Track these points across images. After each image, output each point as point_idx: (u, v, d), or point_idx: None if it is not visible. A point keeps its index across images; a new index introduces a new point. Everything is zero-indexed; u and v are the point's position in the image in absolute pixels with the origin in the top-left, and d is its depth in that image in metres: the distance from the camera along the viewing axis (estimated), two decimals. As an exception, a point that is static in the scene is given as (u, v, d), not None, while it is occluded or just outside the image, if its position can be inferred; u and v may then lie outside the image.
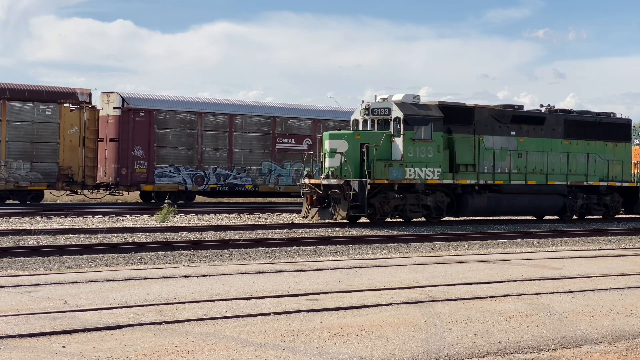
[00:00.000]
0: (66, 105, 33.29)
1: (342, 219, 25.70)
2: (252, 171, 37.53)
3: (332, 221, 26.01)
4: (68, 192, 34.76)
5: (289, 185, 38.08)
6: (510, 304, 11.10)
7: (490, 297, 11.67)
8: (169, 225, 24.96)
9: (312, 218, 26.22)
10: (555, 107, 30.99)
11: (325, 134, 26.97)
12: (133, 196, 38.50)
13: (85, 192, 34.75)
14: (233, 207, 34.61)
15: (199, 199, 38.94)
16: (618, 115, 32.51)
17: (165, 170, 35.57)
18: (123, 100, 34.83)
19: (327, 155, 26.02)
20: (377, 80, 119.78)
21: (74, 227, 23.45)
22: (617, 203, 31.97)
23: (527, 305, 11.06)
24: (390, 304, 10.87)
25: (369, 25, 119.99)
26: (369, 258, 17.35)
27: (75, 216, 27.16)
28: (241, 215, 29.76)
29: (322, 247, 19.57)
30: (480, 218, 29.55)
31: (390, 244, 20.70)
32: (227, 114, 37.14)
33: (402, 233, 23.87)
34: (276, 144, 38.25)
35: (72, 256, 16.55)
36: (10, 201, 33.26)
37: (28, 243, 19.03)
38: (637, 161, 33.74)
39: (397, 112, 26.11)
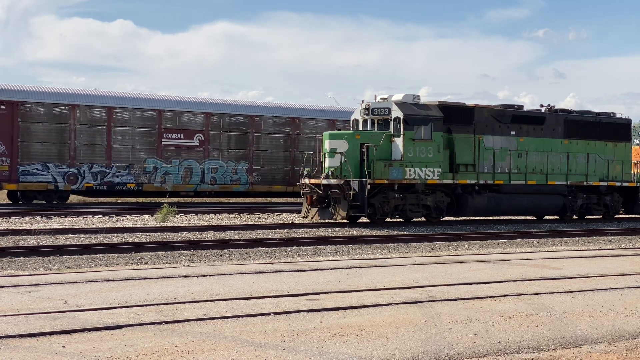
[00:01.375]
0: None
1: (342, 219, 25.70)
2: (135, 169, 34.93)
3: (332, 221, 26.01)
4: None
5: (178, 184, 35.71)
6: (510, 304, 11.10)
7: (490, 297, 11.67)
8: (169, 225, 24.96)
9: (312, 218, 26.22)
10: (555, 107, 30.99)
11: (325, 133, 26.98)
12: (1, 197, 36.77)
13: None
14: (233, 207, 34.59)
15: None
16: (618, 115, 32.52)
17: (32, 167, 32.94)
18: None
19: (327, 155, 26.02)
20: (377, 80, 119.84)
21: (74, 227, 23.45)
22: (617, 203, 31.98)
23: (527, 305, 11.06)
24: (390, 304, 10.88)
25: (369, 25, 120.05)
26: (369, 258, 17.35)
27: (75, 216, 27.16)
28: (241, 215, 29.77)
29: (322, 247, 19.57)
30: (480, 218, 29.56)
31: (390, 244, 20.70)
32: (105, 106, 34.37)
33: (402, 233, 23.87)
34: (163, 140, 35.47)
35: (72, 256, 16.55)
36: None
37: (28, 243, 19.03)
38: (637, 161, 33.76)
39: (397, 112, 26.12)
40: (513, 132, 29.00)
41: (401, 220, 27.39)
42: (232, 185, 37.04)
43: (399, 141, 26.06)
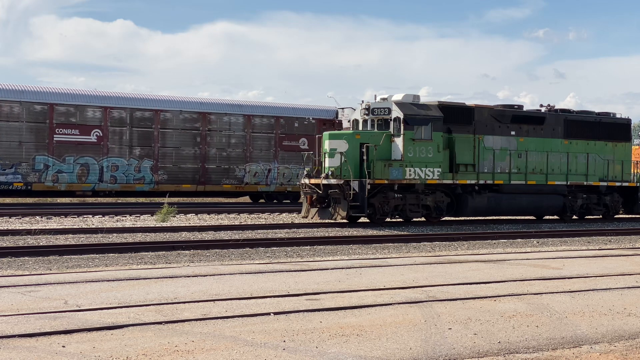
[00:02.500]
0: None
1: (342, 219, 25.70)
2: (23, 167, 32.39)
3: (332, 221, 26.01)
4: None
5: (73, 183, 33.33)
6: (510, 304, 11.10)
7: (490, 297, 11.67)
8: (168, 225, 24.97)
9: (312, 218, 26.23)
10: (555, 107, 31.00)
11: (325, 133, 27.00)
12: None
13: None
14: (233, 207, 34.60)
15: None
16: (618, 115, 32.52)
17: None
18: None
19: (327, 155, 26.02)
20: (377, 80, 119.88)
21: (74, 227, 23.45)
22: (617, 203, 31.98)
23: (527, 305, 11.06)
24: (390, 304, 10.88)
25: (370, 25, 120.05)
26: (369, 258, 17.35)
27: (75, 216, 27.17)
28: (241, 215, 29.77)
29: (322, 247, 19.58)
30: (480, 218, 29.56)
31: (390, 244, 20.70)
32: None
33: (402, 233, 23.87)
34: (55, 136, 33.05)
35: (72, 256, 16.55)
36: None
37: (28, 243, 19.03)
38: (637, 161, 33.76)
39: (397, 112, 26.12)
40: (513, 132, 29.00)
41: (401, 220, 27.40)
42: (135, 184, 34.71)
43: (399, 141, 26.07)
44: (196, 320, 9.54)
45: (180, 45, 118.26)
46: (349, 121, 40.14)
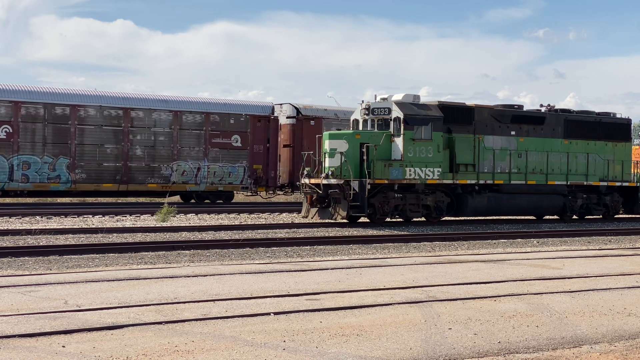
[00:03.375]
0: None
1: (342, 218, 25.70)
2: None
3: (332, 221, 26.01)
4: None
5: None
6: (510, 304, 11.10)
7: (490, 297, 11.67)
8: (169, 225, 24.96)
9: (312, 218, 26.23)
10: (555, 107, 30.99)
11: (325, 133, 27.00)
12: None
13: None
14: (233, 207, 34.58)
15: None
16: (618, 115, 32.51)
17: None
18: None
19: (327, 155, 26.02)
20: (377, 80, 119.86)
21: (74, 227, 23.45)
22: (617, 203, 31.97)
23: (527, 305, 11.06)
24: (390, 304, 10.88)
25: (370, 25, 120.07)
26: (369, 258, 17.35)
27: (75, 216, 27.17)
28: (241, 215, 29.76)
29: (322, 247, 19.58)
30: (480, 218, 29.56)
31: (390, 244, 20.70)
32: None
33: (402, 233, 23.87)
34: None
35: (72, 256, 16.55)
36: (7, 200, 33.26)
37: (28, 243, 19.03)
38: (637, 161, 33.74)
39: (397, 112, 26.12)
40: (513, 132, 29.00)
41: (401, 220, 27.40)
42: (50, 183, 32.49)
43: (399, 141, 26.07)
44: (196, 320, 9.54)
45: (180, 45, 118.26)
46: (287, 117, 38.82)
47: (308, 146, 37.94)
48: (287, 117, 39.19)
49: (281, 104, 39.45)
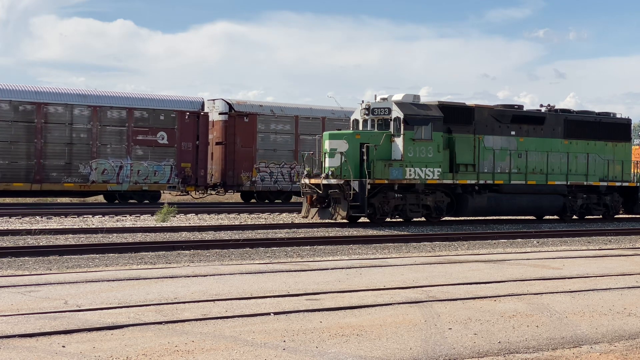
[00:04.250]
0: None
1: (342, 219, 25.70)
2: None
3: (332, 221, 26.01)
4: None
5: None
6: (510, 304, 11.10)
7: (490, 297, 11.67)
8: (169, 225, 24.96)
9: (312, 218, 26.23)
10: (555, 107, 30.99)
11: (325, 134, 26.99)
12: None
13: None
14: (233, 207, 34.59)
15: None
16: (618, 115, 32.51)
17: None
18: None
19: (327, 155, 26.02)
20: (377, 80, 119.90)
21: (74, 227, 23.45)
22: (617, 203, 31.97)
23: (527, 305, 11.06)
24: (390, 304, 10.88)
25: (370, 25, 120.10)
26: (369, 258, 17.35)
27: (75, 216, 27.17)
28: (241, 215, 29.76)
29: (322, 247, 19.57)
30: (480, 218, 29.55)
31: (390, 244, 20.70)
32: None
33: (402, 233, 23.87)
34: None
35: (72, 256, 16.55)
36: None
37: (28, 243, 19.03)
38: (637, 161, 33.74)
39: (397, 112, 26.12)
40: (513, 132, 29.00)
41: (401, 220, 27.39)
42: None
43: (399, 141, 26.07)
44: (196, 320, 9.54)
45: (180, 45, 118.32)
46: (219, 113, 37.00)
47: (242, 144, 37.08)
48: (220, 114, 37.52)
49: (214, 100, 37.98)
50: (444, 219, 28.00)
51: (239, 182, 37.39)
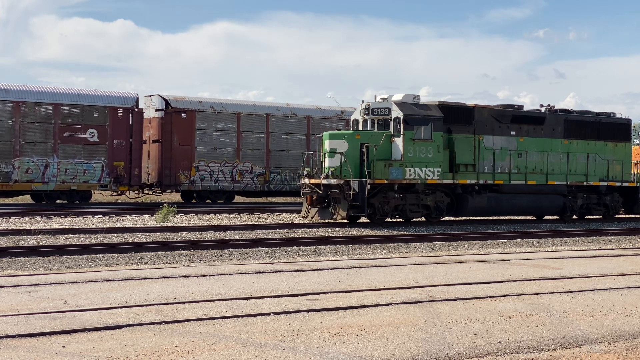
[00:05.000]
0: None
1: (342, 219, 25.70)
2: None
3: (332, 221, 26.01)
4: None
5: None
6: (510, 304, 11.10)
7: (490, 297, 11.67)
8: (168, 225, 24.96)
9: (312, 218, 26.22)
10: (555, 107, 31.00)
11: (325, 134, 26.98)
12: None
13: None
14: (233, 207, 34.58)
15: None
16: (618, 115, 32.52)
17: None
18: None
19: (327, 155, 26.02)
20: (377, 80, 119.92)
21: (74, 227, 23.45)
22: (617, 203, 31.97)
23: (527, 305, 11.06)
24: (390, 304, 10.87)
25: (370, 25, 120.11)
26: (369, 258, 17.35)
27: (75, 216, 27.17)
28: (241, 215, 29.76)
29: (322, 247, 19.57)
30: (480, 218, 29.55)
31: (390, 244, 20.69)
32: None
33: (402, 233, 23.86)
34: None
35: (72, 256, 16.55)
36: None
37: (28, 243, 19.03)
38: (637, 161, 33.75)
39: (397, 112, 26.11)
40: (513, 132, 29.00)
41: (401, 220, 27.39)
42: None
43: (399, 141, 26.06)
44: (196, 320, 9.54)
45: (180, 45, 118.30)
46: (156, 110, 35.44)
47: (179, 141, 35.43)
48: (156, 110, 35.94)
49: (150, 96, 36.38)
50: (444, 219, 27.99)
51: (176, 182, 35.73)
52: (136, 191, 35.76)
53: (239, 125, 37.22)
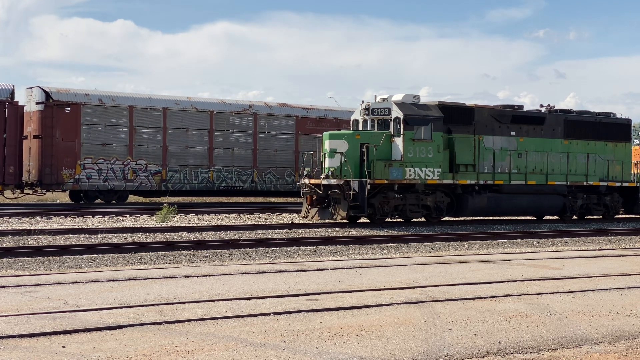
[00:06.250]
0: None
1: (342, 219, 25.70)
2: None
3: (332, 221, 26.01)
4: None
5: None
6: (510, 304, 11.10)
7: (490, 297, 11.67)
8: (168, 225, 24.96)
9: (312, 218, 26.22)
10: (555, 107, 31.00)
11: (325, 134, 26.98)
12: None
13: None
14: (233, 207, 34.58)
15: (199, 199, 37.90)
16: (618, 115, 32.53)
17: None
18: None
19: (327, 155, 26.02)
20: (377, 80, 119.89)
21: (74, 227, 23.45)
22: (617, 203, 31.98)
23: (527, 305, 11.06)
24: (390, 304, 10.87)
25: (370, 25, 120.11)
26: (369, 258, 17.35)
27: (75, 216, 27.16)
28: (241, 215, 29.76)
29: (322, 247, 19.57)
30: (480, 218, 29.56)
31: (390, 244, 20.69)
32: None
33: (402, 233, 23.86)
34: None
35: (72, 256, 16.54)
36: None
37: (28, 243, 19.03)
38: (637, 161, 33.76)
39: (397, 112, 26.12)
40: (513, 132, 29.00)
41: (401, 220, 27.39)
42: None
43: (399, 141, 26.07)
44: (196, 320, 9.54)
45: (181, 45, 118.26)
46: (36, 103, 32.96)
47: (62, 137, 33.16)
48: (37, 103, 33.47)
49: (32, 88, 33.99)
50: (444, 219, 27.99)
51: (59, 181, 33.22)
52: (10, 190, 33.11)
53: (131, 120, 34.69)
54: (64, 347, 8.13)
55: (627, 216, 33.31)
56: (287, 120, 38.76)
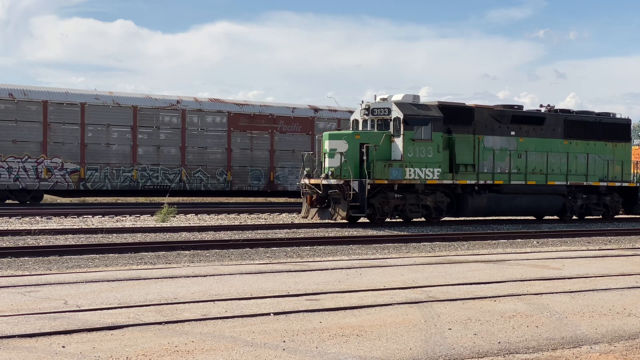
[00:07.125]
0: None
1: (342, 219, 25.70)
2: None
3: (332, 221, 26.01)
4: None
5: None
6: (510, 304, 11.10)
7: (490, 297, 11.67)
8: (168, 225, 24.96)
9: (312, 218, 26.23)
10: (555, 107, 31.00)
11: (325, 134, 26.99)
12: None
13: None
14: (233, 207, 34.58)
15: (199, 199, 37.64)
16: (618, 115, 32.54)
17: None
18: None
19: (326, 155, 26.02)
20: (377, 80, 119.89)
21: (74, 227, 23.45)
22: (616, 203, 31.98)
23: (527, 305, 11.06)
24: (390, 304, 10.88)
25: (370, 25, 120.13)
26: (369, 258, 17.35)
27: (75, 216, 27.17)
28: (241, 215, 29.76)
29: (322, 247, 19.57)
30: (480, 218, 29.55)
31: (390, 244, 20.69)
32: None
33: (402, 233, 23.86)
34: None
35: (72, 256, 16.55)
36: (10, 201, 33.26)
37: (28, 243, 19.03)
38: (637, 161, 33.76)
39: (396, 112, 26.12)
40: (513, 132, 29.00)
41: (401, 220, 27.39)
42: None
43: (398, 141, 26.07)
44: (196, 320, 9.54)
45: (181, 45, 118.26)
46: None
47: None
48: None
49: None
50: (443, 219, 28.00)
51: None
52: None
53: (45, 115, 33.01)
54: (63, 347, 8.13)
55: (627, 216, 33.31)
56: (218, 117, 36.93)
